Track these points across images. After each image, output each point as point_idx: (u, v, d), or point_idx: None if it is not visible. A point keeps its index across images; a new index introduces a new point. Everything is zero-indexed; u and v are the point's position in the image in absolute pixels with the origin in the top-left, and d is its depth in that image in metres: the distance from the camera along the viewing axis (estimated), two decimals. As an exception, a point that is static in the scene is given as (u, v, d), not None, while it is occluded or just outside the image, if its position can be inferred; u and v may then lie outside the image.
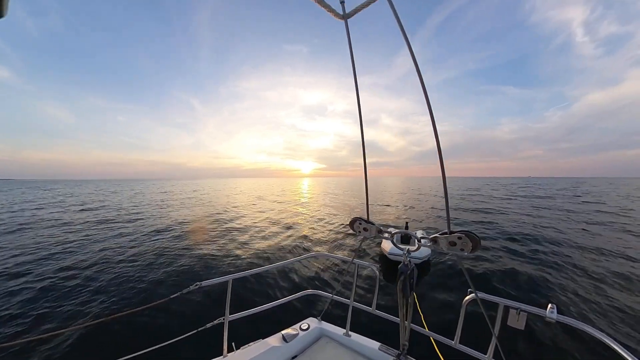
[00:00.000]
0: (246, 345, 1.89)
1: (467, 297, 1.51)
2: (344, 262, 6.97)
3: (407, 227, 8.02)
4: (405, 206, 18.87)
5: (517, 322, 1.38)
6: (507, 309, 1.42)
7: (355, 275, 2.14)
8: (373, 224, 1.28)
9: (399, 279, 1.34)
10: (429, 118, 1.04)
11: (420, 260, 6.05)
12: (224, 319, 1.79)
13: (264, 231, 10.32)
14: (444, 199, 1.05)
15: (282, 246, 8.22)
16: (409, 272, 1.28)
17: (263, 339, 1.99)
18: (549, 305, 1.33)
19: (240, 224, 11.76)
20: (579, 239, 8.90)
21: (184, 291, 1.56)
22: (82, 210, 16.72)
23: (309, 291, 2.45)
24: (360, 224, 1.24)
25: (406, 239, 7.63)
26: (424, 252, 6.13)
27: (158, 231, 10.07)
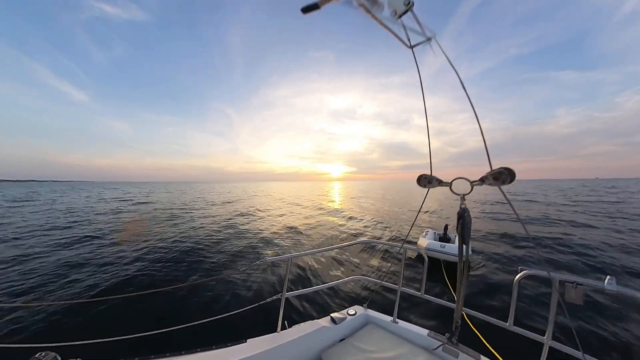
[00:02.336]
0: (297, 325, 1.96)
1: (519, 275, 1.45)
2: (391, 248, 7.47)
3: (446, 229, 7.84)
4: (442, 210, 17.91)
5: (575, 297, 1.31)
6: (562, 283, 1.35)
7: (404, 260, 2.15)
8: (435, 177, 1.35)
9: (458, 222, 1.32)
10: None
11: (453, 260, 6.01)
12: (281, 296, 1.85)
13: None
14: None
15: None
16: (465, 214, 1.30)
17: (312, 319, 2.06)
18: (607, 277, 1.26)
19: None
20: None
21: (252, 265, 2.00)
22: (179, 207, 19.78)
23: (357, 276, 2.56)
24: (425, 178, 1.34)
25: (444, 240, 7.55)
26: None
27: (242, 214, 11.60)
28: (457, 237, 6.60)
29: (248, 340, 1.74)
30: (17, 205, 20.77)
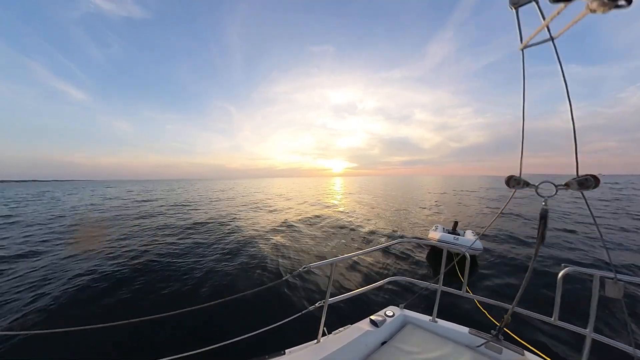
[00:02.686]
0: (337, 331, 1.87)
1: (562, 272, 1.50)
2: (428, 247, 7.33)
3: (455, 226, 7.88)
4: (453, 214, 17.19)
5: (615, 292, 1.34)
6: (603, 279, 1.41)
7: (444, 259, 2.11)
8: (523, 179, 1.32)
9: (540, 222, 1.28)
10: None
11: (472, 252, 6.05)
12: (324, 303, 1.74)
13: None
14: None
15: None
16: (547, 215, 1.27)
17: (351, 324, 1.97)
18: None
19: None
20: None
21: (294, 273, 1.63)
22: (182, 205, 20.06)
23: (395, 277, 2.44)
24: (515, 179, 1.31)
25: (454, 234, 7.52)
26: (476, 244, 6.20)
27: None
28: (465, 233, 6.78)
29: (287, 351, 1.62)
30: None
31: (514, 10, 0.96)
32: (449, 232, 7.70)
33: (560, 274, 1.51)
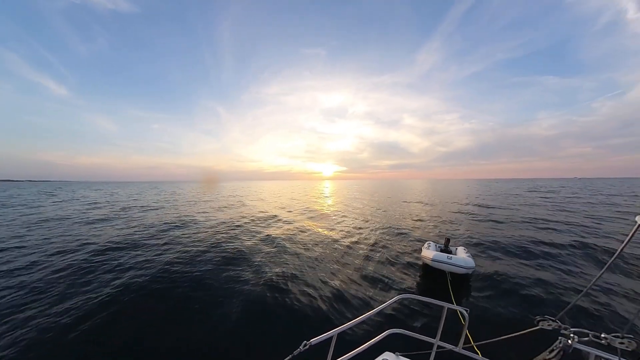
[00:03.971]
0: None
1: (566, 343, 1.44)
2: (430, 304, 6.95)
3: (447, 241, 7.87)
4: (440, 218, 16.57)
5: None
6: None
7: (444, 317, 2.11)
8: None
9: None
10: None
11: (465, 270, 6.24)
12: None
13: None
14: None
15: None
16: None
17: None
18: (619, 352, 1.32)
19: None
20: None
21: (295, 353, 1.53)
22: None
23: (393, 330, 2.37)
24: None
25: (446, 252, 7.60)
26: (468, 262, 6.35)
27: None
28: (457, 250, 6.95)
29: None
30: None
31: None
32: (441, 250, 7.78)
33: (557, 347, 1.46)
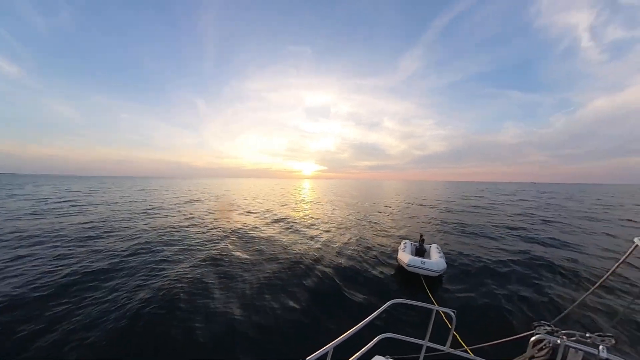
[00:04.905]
0: None
1: (533, 338, 1.58)
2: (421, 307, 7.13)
3: (422, 240, 8.32)
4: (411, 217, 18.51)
5: None
6: (567, 348, 1.54)
7: (433, 318, 2.19)
8: None
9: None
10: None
11: (437, 273, 6.69)
12: None
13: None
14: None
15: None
16: None
17: None
18: (600, 347, 1.48)
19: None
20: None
21: None
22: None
23: (384, 335, 2.41)
24: None
25: (421, 251, 8.09)
26: (441, 265, 6.81)
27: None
28: (431, 249, 7.53)
29: None
30: None
31: None
32: (416, 249, 8.31)
33: (531, 340, 1.62)
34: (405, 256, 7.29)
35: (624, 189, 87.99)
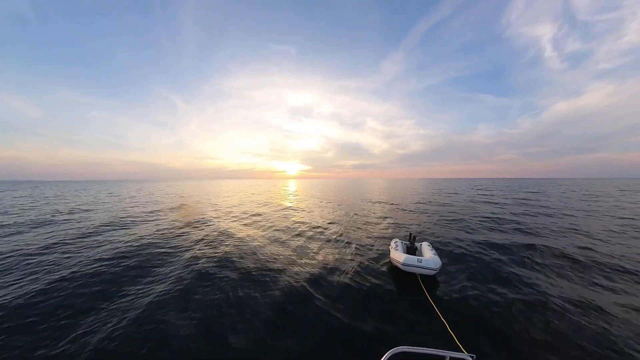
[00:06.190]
0: None
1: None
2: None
3: (413, 238, 8.15)
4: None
5: None
6: None
7: None
8: None
9: None
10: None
11: (434, 272, 6.55)
12: None
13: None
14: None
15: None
16: None
17: None
18: None
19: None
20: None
21: None
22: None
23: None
24: None
25: (412, 250, 7.90)
26: (437, 262, 6.66)
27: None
28: (422, 247, 7.38)
29: None
30: None
31: None
32: (408, 247, 8.13)
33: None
34: (399, 255, 6.98)
35: (581, 182, 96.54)
